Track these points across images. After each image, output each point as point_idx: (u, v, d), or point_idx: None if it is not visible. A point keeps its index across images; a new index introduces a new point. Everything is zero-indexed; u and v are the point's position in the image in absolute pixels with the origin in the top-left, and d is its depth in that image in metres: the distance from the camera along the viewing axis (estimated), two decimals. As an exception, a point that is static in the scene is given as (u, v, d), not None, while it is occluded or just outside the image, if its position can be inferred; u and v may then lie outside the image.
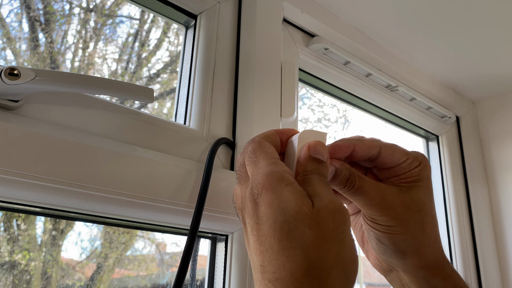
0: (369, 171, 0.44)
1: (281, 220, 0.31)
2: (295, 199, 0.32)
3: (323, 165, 0.37)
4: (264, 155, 0.36)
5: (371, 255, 0.46)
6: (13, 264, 0.49)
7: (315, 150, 0.37)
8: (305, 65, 0.82)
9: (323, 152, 0.37)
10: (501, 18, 0.84)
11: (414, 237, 0.40)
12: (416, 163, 0.42)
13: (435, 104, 1.06)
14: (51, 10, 0.61)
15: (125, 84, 0.47)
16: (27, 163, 0.40)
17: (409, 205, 0.40)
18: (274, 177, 0.33)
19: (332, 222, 0.31)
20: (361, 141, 0.41)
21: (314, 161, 0.37)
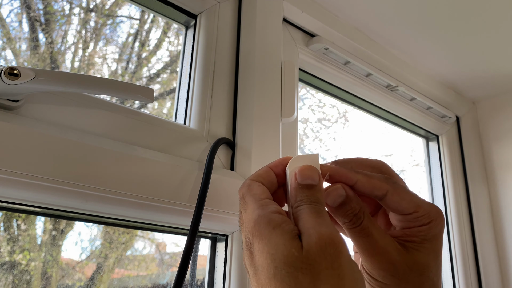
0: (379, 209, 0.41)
1: (273, 267, 0.30)
2: (284, 242, 0.30)
3: (314, 190, 0.34)
4: (252, 199, 0.34)
5: None
6: (13, 264, 0.49)
7: (303, 175, 0.35)
8: (305, 65, 0.82)
9: (313, 175, 0.35)
10: (501, 18, 0.84)
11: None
12: (425, 220, 0.37)
13: (435, 104, 1.06)
14: (51, 10, 0.61)
15: (125, 84, 0.47)
16: (27, 163, 0.40)
17: (411, 266, 0.36)
18: (262, 222, 0.32)
19: (324, 260, 0.29)
20: (368, 177, 0.37)
21: (304, 188, 0.34)
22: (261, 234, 0.31)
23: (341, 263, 0.30)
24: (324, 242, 0.30)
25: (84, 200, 0.45)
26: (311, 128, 1.00)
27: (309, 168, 0.35)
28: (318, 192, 0.35)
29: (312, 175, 0.35)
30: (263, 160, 0.60)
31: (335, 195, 0.36)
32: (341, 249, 0.30)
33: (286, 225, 0.31)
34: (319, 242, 0.30)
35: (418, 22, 0.86)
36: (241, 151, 0.61)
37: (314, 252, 0.29)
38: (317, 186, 0.35)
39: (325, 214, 0.33)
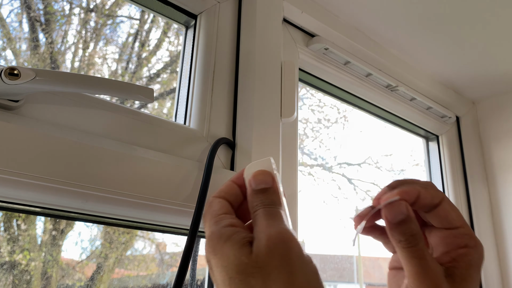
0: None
1: (228, 279, 0.31)
2: (234, 252, 0.31)
3: (268, 193, 0.35)
4: (208, 217, 0.35)
5: None
6: (13, 264, 0.49)
7: (256, 181, 0.36)
8: (305, 65, 0.82)
9: (266, 179, 0.36)
10: (501, 18, 0.84)
11: None
12: (470, 241, 0.36)
13: (435, 104, 1.06)
14: (51, 10, 0.62)
15: (125, 84, 0.47)
16: (27, 163, 0.40)
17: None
18: (214, 238, 0.33)
19: (273, 259, 0.30)
20: (425, 188, 0.37)
21: (258, 193, 0.35)
22: (214, 249, 0.32)
23: (290, 260, 0.30)
24: (273, 242, 0.31)
25: (84, 200, 0.45)
26: (311, 128, 1.00)
27: (261, 173, 0.36)
28: (272, 195, 0.35)
29: (265, 179, 0.36)
30: (263, 160, 0.60)
31: (397, 211, 0.36)
32: (290, 245, 0.31)
33: (237, 235, 0.32)
34: (267, 244, 0.31)
35: (418, 22, 0.86)
36: (241, 151, 0.61)
37: (263, 254, 0.30)
38: (271, 189, 0.36)
39: (279, 215, 0.34)
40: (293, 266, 0.30)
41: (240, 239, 0.32)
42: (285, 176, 0.66)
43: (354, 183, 1.18)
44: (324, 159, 1.07)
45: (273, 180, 0.36)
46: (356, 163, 1.17)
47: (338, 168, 1.15)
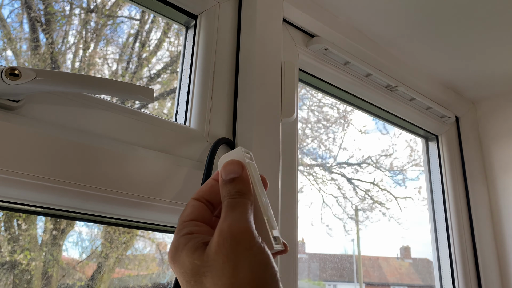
0: None
1: (185, 283, 0.32)
2: (188, 259, 0.32)
3: (236, 182, 0.35)
4: (178, 223, 0.36)
5: None
6: (14, 263, 0.49)
7: (226, 171, 0.36)
8: (305, 65, 0.82)
9: (235, 169, 0.36)
10: (500, 18, 0.84)
11: None
12: None
13: (435, 104, 1.07)
14: (51, 10, 0.62)
15: (126, 84, 0.48)
16: (27, 163, 0.40)
17: None
18: (172, 247, 0.34)
19: (221, 255, 0.31)
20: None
21: (227, 183, 0.35)
22: (173, 258, 0.34)
23: (236, 253, 0.31)
24: (222, 238, 0.31)
25: (84, 200, 0.45)
26: (310, 128, 1.00)
27: (231, 163, 0.36)
28: (240, 183, 0.35)
29: (234, 168, 0.36)
30: (263, 160, 0.60)
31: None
32: (238, 238, 0.31)
33: (191, 242, 0.33)
34: (217, 240, 0.31)
35: (417, 22, 0.86)
36: (241, 151, 0.61)
37: (213, 252, 0.31)
38: (239, 177, 0.35)
39: (239, 204, 0.34)
40: (238, 258, 0.31)
41: (194, 245, 0.33)
42: (285, 176, 0.67)
43: (354, 183, 1.18)
44: (324, 159, 1.07)
45: (243, 169, 0.36)
46: (355, 163, 1.17)
47: (338, 168, 1.15)
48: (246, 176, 0.36)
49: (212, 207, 0.38)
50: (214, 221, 0.37)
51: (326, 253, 1.18)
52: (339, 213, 1.13)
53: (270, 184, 0.61)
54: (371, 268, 1.28)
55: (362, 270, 1.21)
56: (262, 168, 0.60)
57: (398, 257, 1.35)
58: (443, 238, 1.04)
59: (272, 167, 0.62)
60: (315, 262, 1.16)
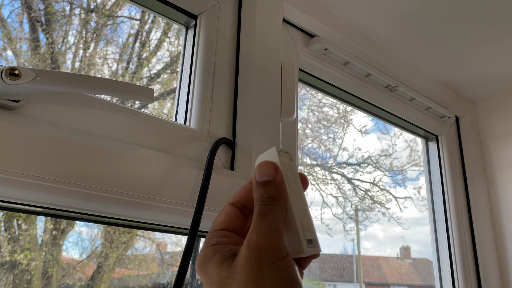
0: None
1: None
2: (216, 269, 0.32)
3: (269, 186, 0.34)
4: (208, 233, 0.37)
5: None
6: (14, 263, 0.49)
7: (259, 173, 0.35)
8: (305, 65, 0.82)
9: (269, 171, 0.35)
10: (500, 18, 0.84)
11: None
12: None
13: (435, 104, 1.07)
14: (52, 10, 0.62)
15: (126, 84, 0.48)
16: (27, 163, 0.40)
17: None
18: (200, 258, 0.34)
19: (245, 268, 0.31)
20: None
21: (259, 187, 0.35)
22: (200, 269, 0.34)
23: (261, 267, 0.31)
24: (249, 250, 0.31)
25: (84, 200, 0.45)
26: (310, 128, 1.00)
27: (265, 164, 0.35)
28: (273, 188, 0.34)
29: (268, 171, 0.35)
30: (263, 160, 0.60)
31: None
32: (263, 253, 0.31)
33: (218, 254, 0.33)
34: (244, 252, 0.32)
35: (417, 22, 0.86)
36: (241, 151, 0.61)
37: (239, 265, 0.31)
38: (272, 182, 0.35)
39: (269, 213, 0.33)
40: (262, 273, 0.31)
41: (222, 256, 0.33)
42: (285, 176, 0.67)
43: (354, 183, 1.18)
44: (324, 158, 1.07)
45: (277, 172, 0.35)
46: (355, 163, 1.17)
47: (338, 168, 1.15)
48: (280, 179, 0.35)
49: (247, 212, 0.37)
50: (247, 228, 0.37)
51: (326, 253, 1.18)
52: (339, 213, 1.13)
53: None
54: (371, 268, 1.28)
55: (362, 270, 1.21)
56: (262, 168, 0.60)
57: (398, 257, 1.35)
58: (443, 238, 1.04)
59: (272, 167, 0.61)
60: (315, 262, 1.16)
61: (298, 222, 0.34)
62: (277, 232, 0.32)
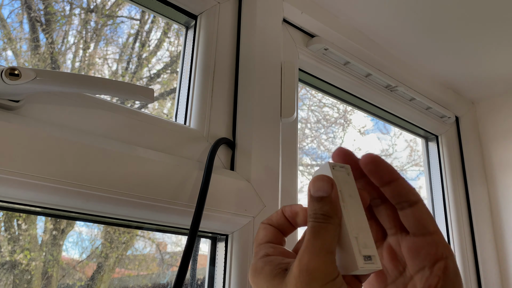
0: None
1: None
2: (266, 284, 0.33)
3: (324, 202, 0.33)
4: (254, 245, 0.37)
5: None
6: (14, 263, 0.49)
7: (314, 187, 0.34)
8: (305, 65, 0.82)
9: (324, 186, 0.33)
10: (500, 18, 0.84)
11: None
12: (443, 250, 0.34)
13: (435, 104, 1.07)
14: (51, 10, 0.62)
15: (126, 84, 0.48)
16: (27, 163, 0.40)
17: None
18: (252, 270, 0.35)
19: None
20: (406, 181, 0.36)
21: (314, 201, 0.34)
22: (253, 280, 0.34)
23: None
24: (299, 270, 0.31)
25: (84, 200, 0.45)
26: (310, 128, 1.00)
27: (321, 179, 0.34)
28: (327, 205, 0.33)
29: (323, 186, 0.33)
30: (263, 160, 0.60)
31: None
32: (314, 275, 0.31)
33: (269, 266, 0.33)
34: (295, 271, 0.31)
35: (417, 22, 0.86)
36: (241, 151, 0.61)
37: (290, 284, 0.31)
38: (328, 198, 0.33)
39: (323, 232, 0.32)
40: None
41: (272, 270, 0.33)
42: (285, 176, 0.67)
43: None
44: (324, 159, 1.07)
45: (332, 188, 0.34)
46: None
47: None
48: (336, 196, 0.34)
49: (283, 231, 0.38)
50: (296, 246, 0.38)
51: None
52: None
53: (270, 184, 0.61)
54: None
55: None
56: (262, 168, 0.60)
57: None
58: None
59: (272, 167, 0.62)
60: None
61: (353, 238, 0.33)
62: (330, 253, 0.32)
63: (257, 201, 0.58)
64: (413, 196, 0.35)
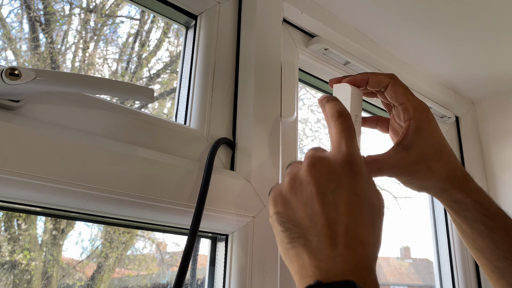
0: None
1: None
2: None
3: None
4: None
5: None
6: (13, 263, 0.49)
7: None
8: (305, 65, 0.82)
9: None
10: (501, 17, 0.84)
11: (427, 180, 0.48)
12: (411, 112, 0.49)
13: (435, 104, 1.07)
14: (51, 10, 0.62)
15: (126, 84, 0.48)
16: (27, 163, 0.40)
17: (415, 160, 0.47)
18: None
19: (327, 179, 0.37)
20: (375, 74, 0.51)
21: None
22: None
23: (339, 184, 0.38)
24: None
25: (84, 200, 0.45)
26: (310, 128, 1.00)
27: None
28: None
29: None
30: (263, 160, 0.60)
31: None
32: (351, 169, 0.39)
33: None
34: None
35: (417, 22, 0.86)
36: (241, 151, 0.61)
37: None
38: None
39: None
40: (338, 190, 0.38)
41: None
42: (285, 176, 0.66)
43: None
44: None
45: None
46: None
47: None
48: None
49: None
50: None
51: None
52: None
53: (270, 184, 0.61)
54: (371, 268, 1.27)
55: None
56: (262, 168, 0.60)
57: (398, 257, 1.35)
58: (443, 238, 1.04)
59: (272, 167, 0.61)
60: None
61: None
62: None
63: (257, 201, 0.58)
64: (383, 83, 0.51)
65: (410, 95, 0.50)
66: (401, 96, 0.49)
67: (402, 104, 0.49)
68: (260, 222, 0.57)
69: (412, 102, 0.49)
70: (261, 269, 0.55)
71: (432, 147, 0.48)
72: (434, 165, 0.48)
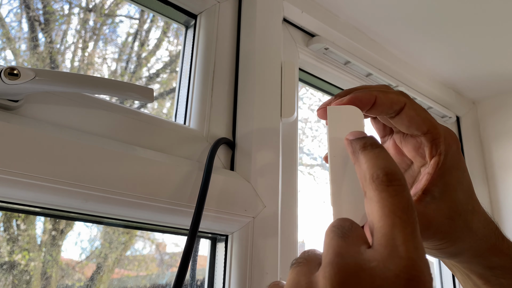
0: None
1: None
2: None
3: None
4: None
5: None
6: (12, 264, 0.49)
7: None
8: (305, 65, 0.82)
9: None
10: (501, 17, 0.84)
11: (463, 242, 0.34)
12: (440, 145, 0.34)
13: (436, 104, 1.06)
14: (50, 9, 0.61)
15: (125, 84, 0.47)
16: (27, 163, 0.40)
17: (450, 214, 0.33)
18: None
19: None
20: (384, 92, 0.34)
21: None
22: None
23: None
24: None
25: (84, 200, 0.45)
26: (310, 127, 1.00)
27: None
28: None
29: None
30: (263, 160, 0.60)
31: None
32: None
33: None
34: None
35: (418, 22, 0.86)
36: (241, 151, 0.61)
37: None
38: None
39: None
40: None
41: None
42: (285, 176, 0.66)
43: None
44: (320, 157, 1.07)
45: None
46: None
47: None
48: None
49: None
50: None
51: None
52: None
53: (270, 184, 0.60)
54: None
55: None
56: (262, 168, 0.60)
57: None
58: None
59: (272, 167, 0.61)
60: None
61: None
62: None
63: (257, 202, 0.58)
64: (396, 105, 0.34)
65: (434, 119, 0.35)
66: (424, 122, 0.34)
67: (427, 133, 0.34)
68: (260, 223, 0.57)
69: (440, 130, 0.35)
70: (261, 269, 0.55)
71: (465, 193, 0.36)
72: (469, 219, 0.35)
